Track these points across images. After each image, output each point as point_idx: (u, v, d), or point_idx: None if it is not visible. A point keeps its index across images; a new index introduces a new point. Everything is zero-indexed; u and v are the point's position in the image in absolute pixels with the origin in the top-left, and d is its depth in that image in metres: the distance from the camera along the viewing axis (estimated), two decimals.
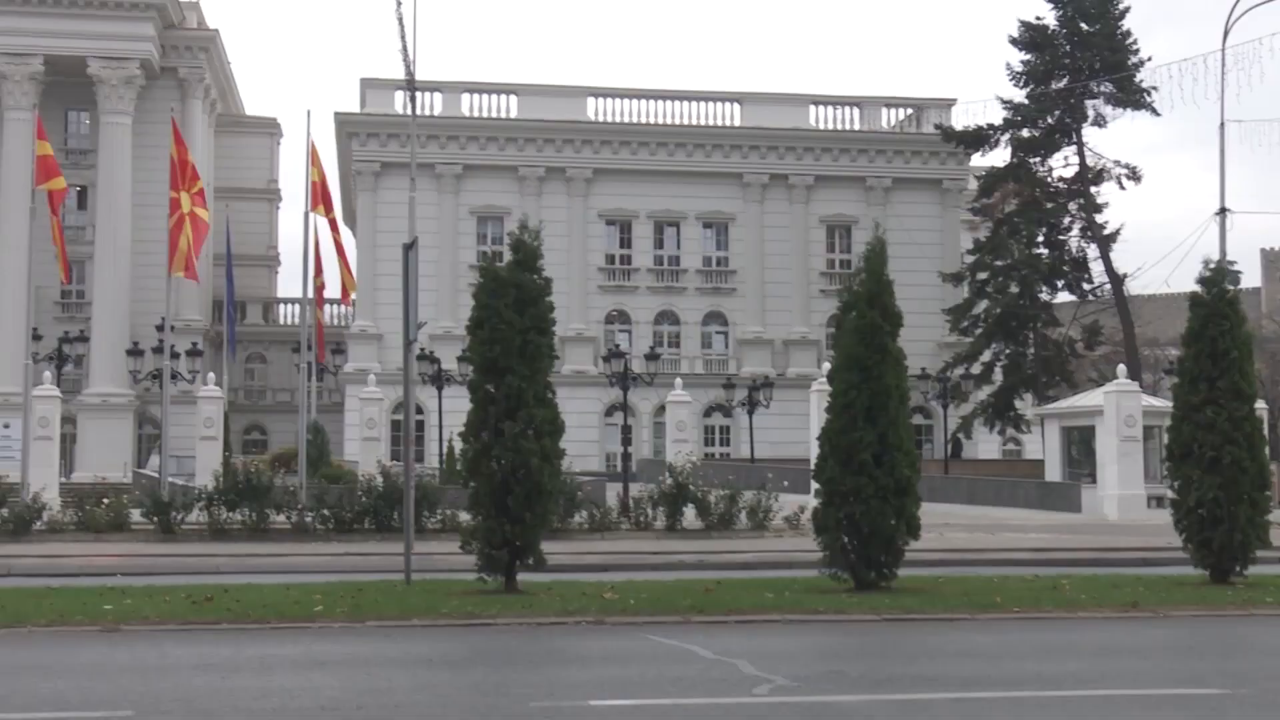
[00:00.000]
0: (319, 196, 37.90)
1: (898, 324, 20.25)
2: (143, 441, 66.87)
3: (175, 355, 44.15)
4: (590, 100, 70.63)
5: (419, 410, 59.17)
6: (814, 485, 20.74)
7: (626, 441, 45.67)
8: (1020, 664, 13.99)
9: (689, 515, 33.81)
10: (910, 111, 73.47)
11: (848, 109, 72.84)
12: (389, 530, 31.49)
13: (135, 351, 51.10)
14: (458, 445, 22.90)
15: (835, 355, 20.72)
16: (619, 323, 69.72)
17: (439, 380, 51.61)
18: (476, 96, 69.67)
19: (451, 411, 45.91)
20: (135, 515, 33.03)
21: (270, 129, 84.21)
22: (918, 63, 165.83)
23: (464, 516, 21.97)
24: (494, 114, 69.42)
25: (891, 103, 73.90)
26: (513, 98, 69.82)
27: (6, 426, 59.05)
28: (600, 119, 70.27)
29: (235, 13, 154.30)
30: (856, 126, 72.22)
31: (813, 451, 22.56)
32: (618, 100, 71.03)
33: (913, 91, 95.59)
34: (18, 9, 65.74)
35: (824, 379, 31.42)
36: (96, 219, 67.32)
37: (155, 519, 32.30)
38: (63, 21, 66.12)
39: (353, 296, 58.21)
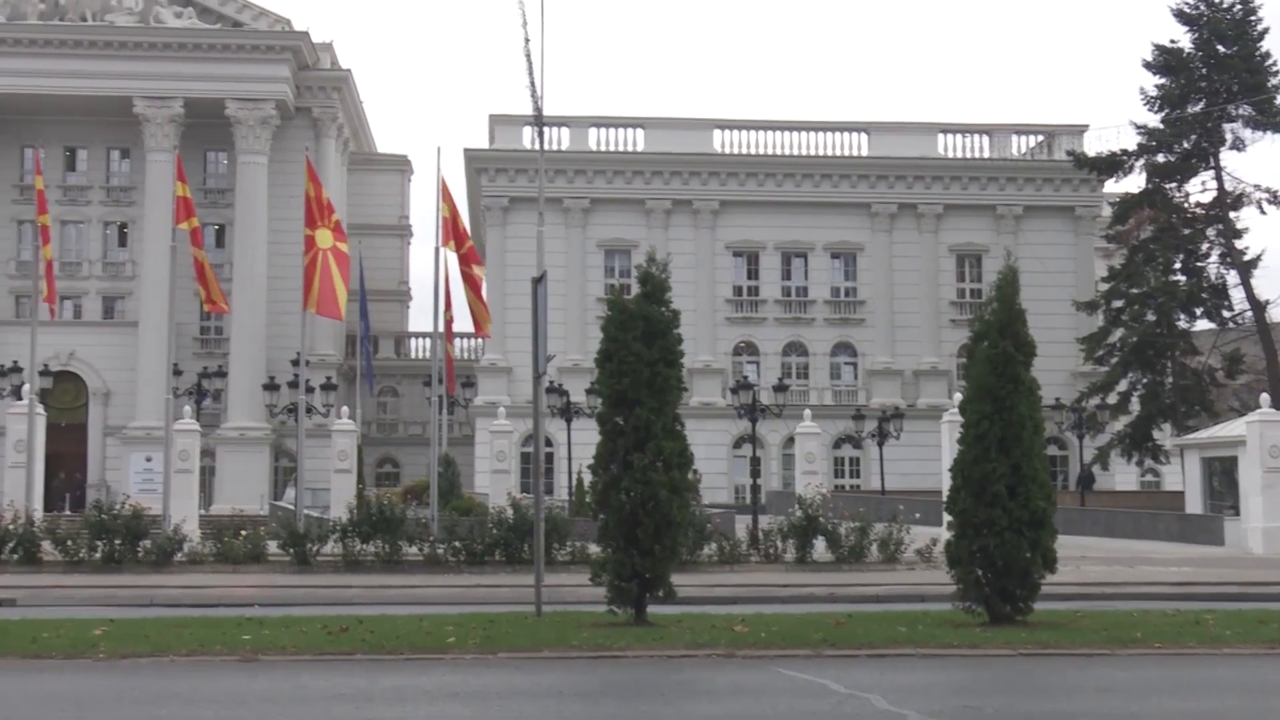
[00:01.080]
0: (450, 232, 38.28)
1: (1030, 353, 19.94)
2: (278, 474, 68.07)
3: (310, 389, 44.91)
4: (716, 132, 70.73)
5: (548, 443, 59.63)
6: (946, 517, 20.47)
7: (755, 473, 45.56)
8: (1162, 701, 13.63)
9: (819, 548, 33.54)
10: (1041, 138, 72.50)
11: (977, 137, 72.09)
12: (519, 562, 31.65)
13: (271, 386, 52.06)
14: (587, 477, 22.98)
15: (966, 385, 20.41)
16: (747, 354, 69.55)
17: (568, 413, 51.93)
18: (603, 131, 70.16)
19: (580, 444, 46.21)
20: (272, 547, 33.57)
21: (401, 166, 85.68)
22: (1049, 90, 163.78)
23: (593, 549, 22.02)
24: (621, 148, 69.79)
25: (1022, 130, 73.00)
26: (639, 131, 70.18)
27: (149, 460, 60.79)
28: (727, 151, 70.29)
29: (367, 53, 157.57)
30: (986, 154, 71.41)
31: (944, 483, 22.26)
32: (744, 132, 71.03)
33: (1043, 118, 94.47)
34: (159, 54, 67.71)
35: (955, 410, 31.02)
36: (234, 256, 68.92)
37: (291, 550, 32.82)
38: (202, 65, 67.97)
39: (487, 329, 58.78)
